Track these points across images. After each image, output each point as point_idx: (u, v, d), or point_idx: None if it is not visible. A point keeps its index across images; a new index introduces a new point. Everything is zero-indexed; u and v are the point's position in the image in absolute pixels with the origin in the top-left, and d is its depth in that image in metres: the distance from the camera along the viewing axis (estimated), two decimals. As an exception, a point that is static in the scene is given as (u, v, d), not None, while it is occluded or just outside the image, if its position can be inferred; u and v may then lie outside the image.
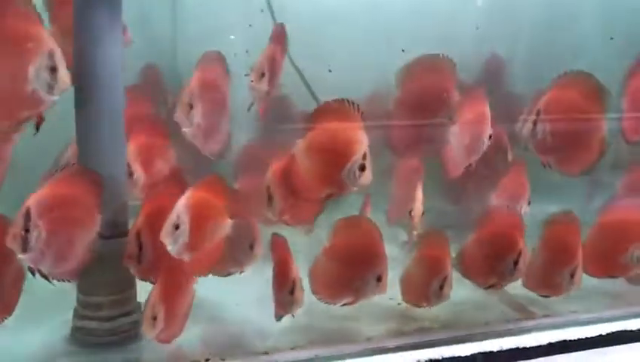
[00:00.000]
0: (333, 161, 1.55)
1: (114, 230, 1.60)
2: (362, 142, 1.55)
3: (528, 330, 1.77)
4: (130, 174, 1.73)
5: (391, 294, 1.85)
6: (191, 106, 1.68)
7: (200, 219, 1.48)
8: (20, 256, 1.37)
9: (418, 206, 1.75)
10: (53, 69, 1.36)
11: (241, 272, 1.75)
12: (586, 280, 1.88)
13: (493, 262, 1.81)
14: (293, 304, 1.64)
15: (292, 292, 1.62)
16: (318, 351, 1.63)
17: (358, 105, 1.57)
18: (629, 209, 1.87)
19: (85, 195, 1.49)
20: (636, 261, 1.84)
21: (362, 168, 1.54)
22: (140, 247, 1.52)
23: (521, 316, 1.87)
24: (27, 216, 1.35)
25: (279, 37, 1.97)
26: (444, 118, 1.73)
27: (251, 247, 1.73)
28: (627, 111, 1.91)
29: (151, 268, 1.54)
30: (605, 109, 1.74)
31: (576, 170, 1.80)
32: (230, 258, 1.65)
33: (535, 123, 1.72)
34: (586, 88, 1.71)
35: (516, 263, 1.78)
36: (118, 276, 1.61)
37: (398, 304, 1.87)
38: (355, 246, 1.72)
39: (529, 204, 2.05)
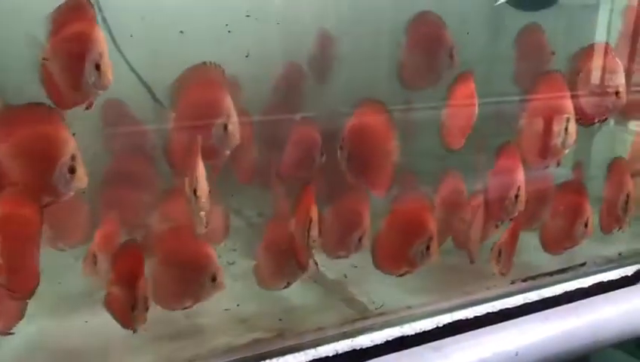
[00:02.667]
0: (39, 168, 1.42)
1: None
2: (68, 141, 1.42)
3: (364, 330, 1.68)
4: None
5: (226, 304, 1.74)
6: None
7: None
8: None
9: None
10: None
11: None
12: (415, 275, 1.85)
13: (405, 249, 1.78)
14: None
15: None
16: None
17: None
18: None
19: None
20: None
21: (72, 170, 1.42)
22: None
23: (358, 316, 1.77)
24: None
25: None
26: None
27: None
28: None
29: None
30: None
31: (381, 190, 1.80)
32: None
33: (341, 148, 1.74)
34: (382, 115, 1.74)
35: (428, 248, 1.78)
36: None
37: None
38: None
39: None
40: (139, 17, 1.88)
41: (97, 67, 1.43)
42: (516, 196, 1.88)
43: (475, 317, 1.81)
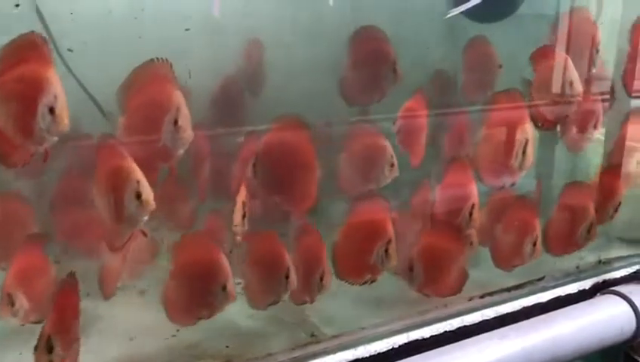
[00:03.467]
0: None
1: None
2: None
3: (316, 355, 1.60)
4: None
5: (172, 330, 1.64)
6: None
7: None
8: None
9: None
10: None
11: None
12: (369, 293, 1.79)
13: (365, 255, 1.74)
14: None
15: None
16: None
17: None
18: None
19: None
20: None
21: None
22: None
23: (310, 339, 1.70)
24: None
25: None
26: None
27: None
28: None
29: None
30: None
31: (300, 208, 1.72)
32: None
33: (255, 165, 1.63)
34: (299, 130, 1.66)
35: (387, 251, 1.73)
36: None
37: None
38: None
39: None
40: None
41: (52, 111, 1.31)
42: (470, 213, 1.84)
43: (432, 336, 1.75)
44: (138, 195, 1.35)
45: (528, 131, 1.92)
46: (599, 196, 2.17)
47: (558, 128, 2.20)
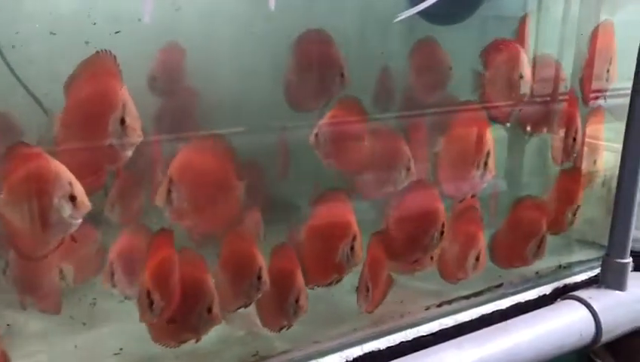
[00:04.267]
0: None
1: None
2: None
3: (266, 371, 1.55)
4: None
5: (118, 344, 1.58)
6: None
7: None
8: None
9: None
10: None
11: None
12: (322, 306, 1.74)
13: (330, 254, 1.67)
14: None
15: None
16: None
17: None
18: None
19: None
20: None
21: None
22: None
23: (262, 354, 1.64)
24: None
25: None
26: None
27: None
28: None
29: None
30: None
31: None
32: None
33: (169, 191, 1.47)
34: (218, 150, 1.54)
35: (352, 248, 1.67)
36: None
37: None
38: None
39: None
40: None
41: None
42: (441, 232, 1.80)
43: (388, 347, 1.70)
44: (72, 198, 1.26)
45: (489, 141, 1.87)
46: (558, 201, 2.15)
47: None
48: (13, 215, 1.27)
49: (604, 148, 2.25)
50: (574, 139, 2.10)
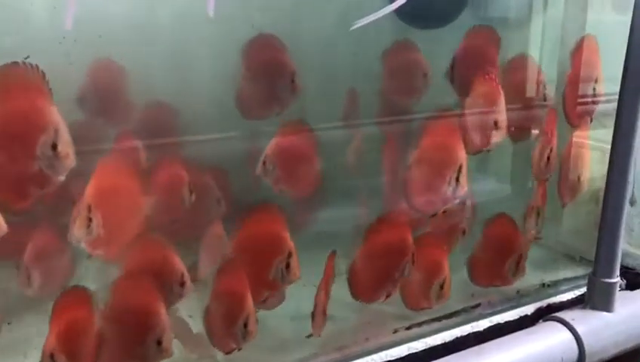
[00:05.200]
0: None
1: None
2: None
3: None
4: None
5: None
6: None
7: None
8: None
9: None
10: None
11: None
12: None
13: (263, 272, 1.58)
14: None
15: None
16: None
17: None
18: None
19: None
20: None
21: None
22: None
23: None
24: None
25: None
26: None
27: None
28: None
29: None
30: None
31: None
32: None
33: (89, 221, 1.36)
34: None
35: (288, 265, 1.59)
36: None
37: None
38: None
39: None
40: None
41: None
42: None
43: (351, 375, 1.60)
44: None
45: (462, 157, 1.77)
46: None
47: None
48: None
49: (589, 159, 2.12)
50: (548, 159, 1.99)
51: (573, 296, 2.03)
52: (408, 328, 1.76)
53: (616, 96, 1.80)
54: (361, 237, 1.75)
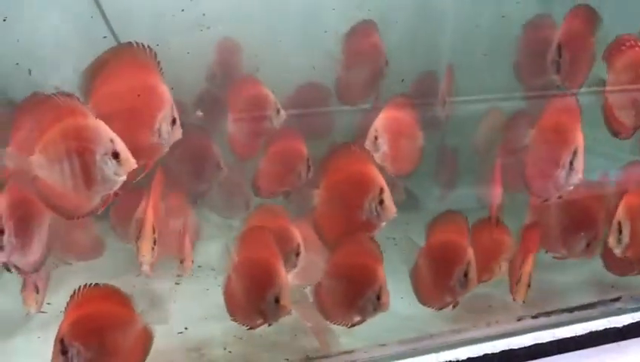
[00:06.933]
0: None
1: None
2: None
3: None
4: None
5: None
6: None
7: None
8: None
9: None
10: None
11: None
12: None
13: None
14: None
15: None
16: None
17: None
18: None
19: None
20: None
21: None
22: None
23: None
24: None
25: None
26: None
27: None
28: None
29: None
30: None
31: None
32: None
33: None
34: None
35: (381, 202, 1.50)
36: None
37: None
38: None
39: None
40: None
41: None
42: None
43: (469, 358, 1.51)
44: (115, 155, 1.21)
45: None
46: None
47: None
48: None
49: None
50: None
51: None
52: (535, 317, 1.63)
53: None
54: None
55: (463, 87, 1.96)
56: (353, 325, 1.50)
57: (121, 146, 1.21)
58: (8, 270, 1.37)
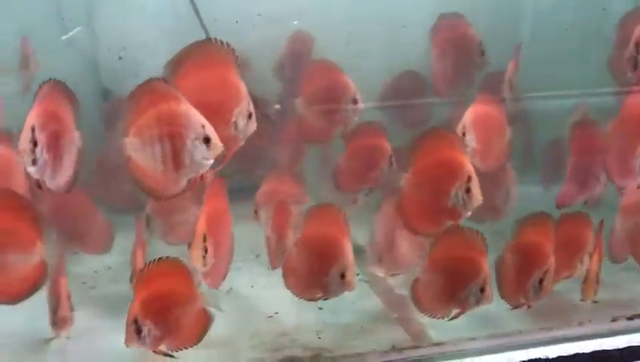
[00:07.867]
0: None
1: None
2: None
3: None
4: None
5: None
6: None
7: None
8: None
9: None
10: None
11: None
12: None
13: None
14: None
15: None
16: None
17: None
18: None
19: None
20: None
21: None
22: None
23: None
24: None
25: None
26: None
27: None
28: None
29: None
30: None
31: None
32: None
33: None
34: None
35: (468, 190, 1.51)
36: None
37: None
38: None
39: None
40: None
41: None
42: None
43: (559, 357, 1.49)
44: (207, 139, 1.27)
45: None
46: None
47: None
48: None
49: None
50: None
51: None
52: (630, 318, 1.58)
53: None
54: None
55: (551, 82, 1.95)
56: (452, 318, 1.51)
57: (211, 132, 1.26)
58: (39, 187, 1.37)
